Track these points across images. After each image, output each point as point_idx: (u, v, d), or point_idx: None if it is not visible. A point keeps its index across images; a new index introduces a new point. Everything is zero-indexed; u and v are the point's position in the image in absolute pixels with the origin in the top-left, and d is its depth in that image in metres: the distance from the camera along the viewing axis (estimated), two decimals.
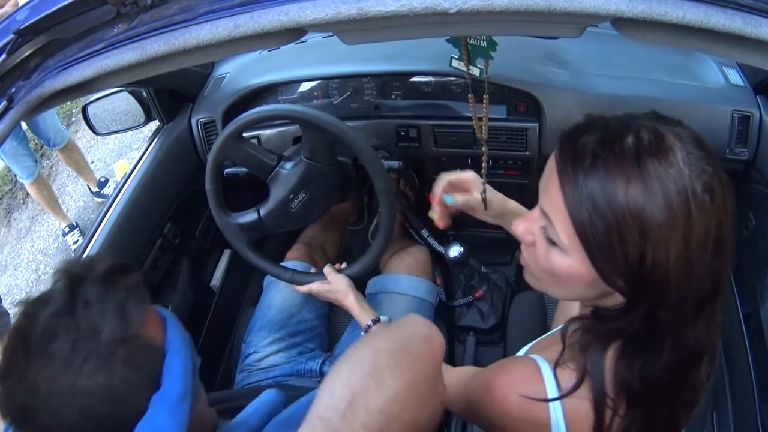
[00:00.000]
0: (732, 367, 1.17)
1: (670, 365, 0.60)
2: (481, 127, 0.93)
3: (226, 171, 1.28)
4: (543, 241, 0.62)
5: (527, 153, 1.33)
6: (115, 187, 1.34)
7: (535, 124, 1.29)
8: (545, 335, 0.90)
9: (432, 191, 0.99)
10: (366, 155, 1.09)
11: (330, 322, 1.39)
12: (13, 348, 0.52)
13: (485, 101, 0.92)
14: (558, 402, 0.63)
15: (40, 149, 3.46)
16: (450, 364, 0.94)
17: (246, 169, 1.22)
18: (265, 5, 0.61)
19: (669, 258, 0.53)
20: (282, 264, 1.28)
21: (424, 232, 1.55)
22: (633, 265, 0.54)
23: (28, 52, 0.70)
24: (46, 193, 2.82)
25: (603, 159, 0.54)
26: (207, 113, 1.46)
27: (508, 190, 1.02)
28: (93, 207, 3.20)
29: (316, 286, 1.20)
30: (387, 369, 0.50)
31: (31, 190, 2.80)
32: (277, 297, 1.33)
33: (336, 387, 0.50)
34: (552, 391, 0.64)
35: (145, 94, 1.40)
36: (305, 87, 1.45)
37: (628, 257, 0.54)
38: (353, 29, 0.63)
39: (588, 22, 0.60)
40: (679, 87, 1.26)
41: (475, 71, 0.95)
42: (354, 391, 0.49)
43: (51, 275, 0.55)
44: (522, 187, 1.41)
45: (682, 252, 0.53)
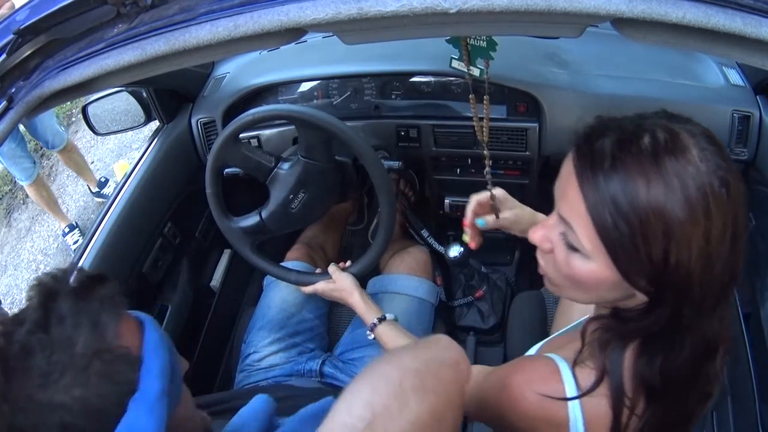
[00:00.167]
0: (732, 367, 1.17)
1: (691, 360, 0.60)
2: (482, 128, 0.93)
3: (226, 171, 1.28)
4: (563, 248, 0.62)
5: (527, 153, 1.33)
6: (115, 187, 1.34)
7: (535, 124, 1.29)
8: (556, 334, 0.89)
9: (464, 215, 0.98)
10: (359, 148, 1.09)
11: (330, 322, 1.39)
12: None
13: (486, 102, 0.92)
14: (577, 401, 0.63)
15: (40, 149, 3.46)
16: None
17: (245, 171, 1.22)
18: (265, 5, 0.61)
19: (691, 255, 0.53)
20: (284, 265, 1.28)
21: (424, 232, 1.55)
22: (657, 265, 0.54)
23: (28, 52, 0.70)
24: (45, 194, 2.82)
25: (622, 160, 0.54)
26: (207, 113, 1.46)
27: (508, 190, 1.02)
28: (93, 207, 3.20)
29: (321, 286, 1.20)
30: (412, 391, 0.49)
31: (30, 192, 2.80)
32: (277, 297, 1.33)
33: (356, 403, 0.49)
34: (571, 390, 0.64)
35: (145, 94, 1.40)
36: (305, 87, 1.45)
37: (653, 257, 0.54)
38: (353, 29, 0.63)
39: (588, 22, 0.60)
40: (679, 87, 1.26)
41: (476, 71, 0.95)
42: (375, 411, 0.47)
43: (26, 292, 0.55)
44: (522, 187, 1.41)
45: (704, 248, 0.53)
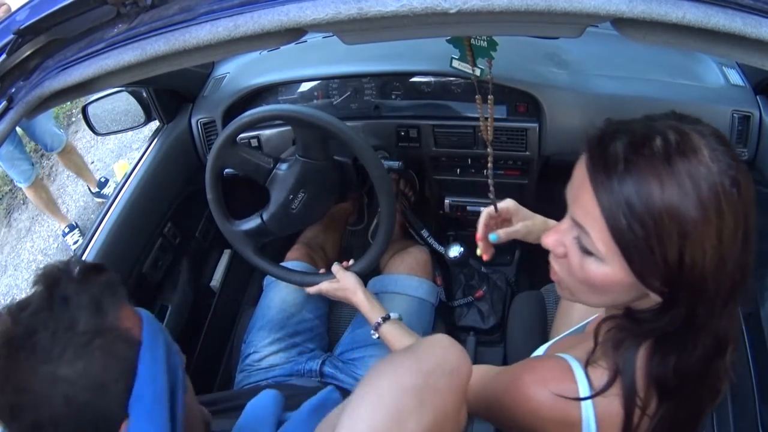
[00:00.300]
0: (732, 367, 1.17)
1: (703, 358, 0.60)
2: (487, 127, 0.93)
3: (226, 171, 1.28)
4: (577, 252, 0.62)
5: (527, 153, 1.33)
6: (115, 188, 1.34)
7: (535, 125, 1.29)
8: (562, 335, 0.89)
9: (476, 231, 0.97)
10: (359, 149, 1.08)
11: (330, 322, 1.39)
12: None
13: (490, 101, 0.92)
14: (590, 401, 0.63)
15: (39, 150, 3.46)
16: None
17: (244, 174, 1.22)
18: (265, 5, 0.61)
19: (705, 254, 0.54)
20: (288, 267, 1.28)
21: (424, 233, 1.55)
22: (672, 266, 0.55)
23: (28, 52, 0.70)
24: (44, 195, 2.81)
25: (635, 163, 0.54)
26: (207, 113, 1.46)
27: (508, 190, 1.02)
28: (93, 207, 3.20)
29: (325, 286, 1.20)
30: (409, 412, 0.50)
31: (28, 194, 2.79)
32: (277, 297, 1.33)
33: (356, 425, 0.50)
34: (584, 390, 0.64)
35: (145, 94, 1.40)
36: (305, 87, 1.45)
37: (668, 258, 0.54)
38: (353, 29, 0.63)
39: (588, 22, 0.60)
40: (679, 87, 1.26)
41: (477, 71, 0.95)
42: None
43: (31, 282, 0.57)
44: (522, 187, 1.41)
45: (717, 247, 0.54)
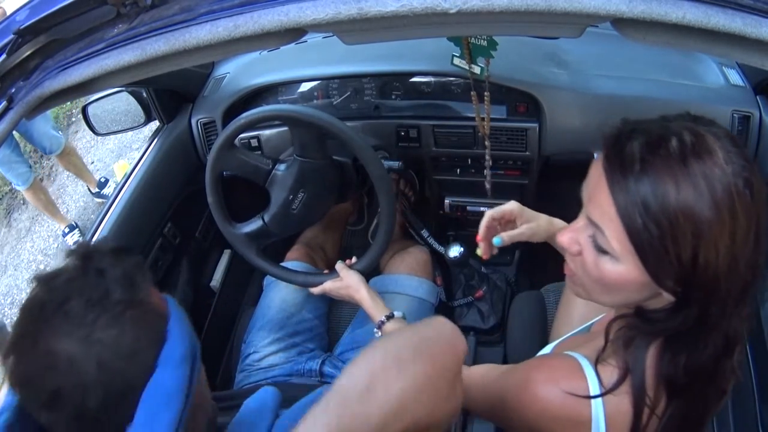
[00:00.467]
0: (739, 367, 1.16)
1: (713, 357, 0.61)
2: (483, 123, 0.93)
3: (226, 172, 1.28)
4: (591, 250, 0.62)
5: (527, 153, 1.32)
6: (115, 188, 1.34)
7: (535, 125, 1.29)
8: (569, 334, 0.89)
9: (478, 232, 0.97)
10: (359, 149, 1.08)
11: (330, 322, 1.39)
12: (26, 317, 0.55)
13: (486, 98, 0.92)
14: (599, 399, 0.63)
15: (39, 151, 3.46)
16: None
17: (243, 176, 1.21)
18: (265, 5, 0.61)
19: (719, 255, 0.54)
20: (292, 268, 1.28)
21: (424, 233, 1.55)
22: (686, 266, 0.55)
23: (28, 53, 0.70)
24: (42, 197, 2.81)
25: (651, 163, 0.55)
26: (207, 113, 1.46)
27: (508, 190, 1.02)
28: (93, 207, 3.20)
29: (329, 285, 1.20)
30: (409, 359, 0.51)
31: (27, 196, 2.79)
32: (277, 297, 1.33)
33: (355, 370, 0.51)
34: (594, 388, 0.64)
35: (145, 95, 1.40)
36: (305, 87, 1.45)
37: (681, 258, 0.55)
38: (353, 29, 0.63)
39: (588, 22, 0.60)
40: (679, 87, 1.25)
41: (477, 69, 0.95)
42: (375, 374, 0.50)
43: (62, 255, 0.59)
44: (522, 187, 1.41)
45: (730, 247, 0.54)
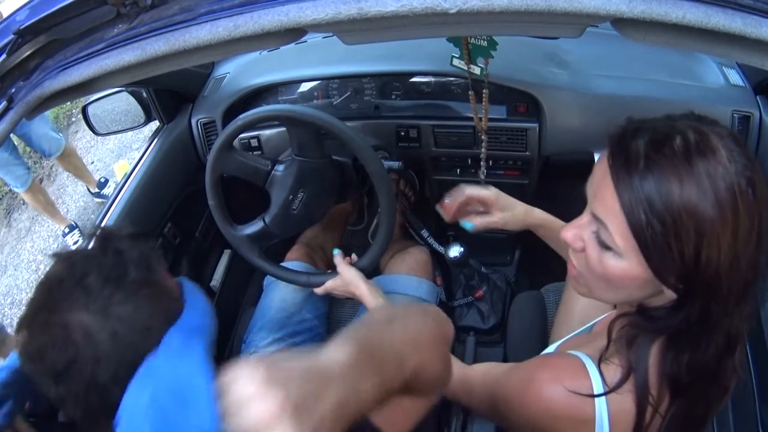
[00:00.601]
0: (740, 365, 1.16)
1: (716, 355, 0.61)
2: (480, 119, 0.93)
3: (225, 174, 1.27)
4: (595, 246, 0.63)
5: (527, 153, 1.32)
6: (115, 188, 1.33)
7: (535, 125, 1.29)
8: (571, 335, 0.89)
9: (446, 199, 0.97)
10: (359, 149, 1.08)
11: (330, 322, 1.39)
12: (43, 291, 0.56)
13: (485, 96, 0.92)
14: (603, 398, 0.64)
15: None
16: None
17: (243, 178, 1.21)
18: (265, 5, 0.61)
19: (721, 253, 0.55)
20: (295, 269, 1.27)
21: (424, 233, 1.55)
22: (688, 263, 0.56)
23: (28, 52, 0.70)
24: (41, 198, 2.81)
25: (656, 161, 0.56)
26: (207, 113, 1.46)
27: (508, 190, 1.02)
28: (93, 207, 3.20)
29: (331, 284, 1.20)
30: (419, 313, 0.58)
31: (26, 198, 2.78)
32: (277, 297, 1.33)
33: (380, 310, 0.58)
34: (598, 387, 0.64)
35: (145, 95, 1.40)
36: (305, 87, 1.45)
37: (684, 255, 0.55)
38: (353, 29, 0.63)
39: (588, 22, 0.60)
40: (679, 87, 1.25)
41: (476, 70, 0.95)
42: (395, 314, 0.57)
43: (84, 236, 0.61)
44: (522, 187, 1.40)
45: (732, 245, 0.55)
